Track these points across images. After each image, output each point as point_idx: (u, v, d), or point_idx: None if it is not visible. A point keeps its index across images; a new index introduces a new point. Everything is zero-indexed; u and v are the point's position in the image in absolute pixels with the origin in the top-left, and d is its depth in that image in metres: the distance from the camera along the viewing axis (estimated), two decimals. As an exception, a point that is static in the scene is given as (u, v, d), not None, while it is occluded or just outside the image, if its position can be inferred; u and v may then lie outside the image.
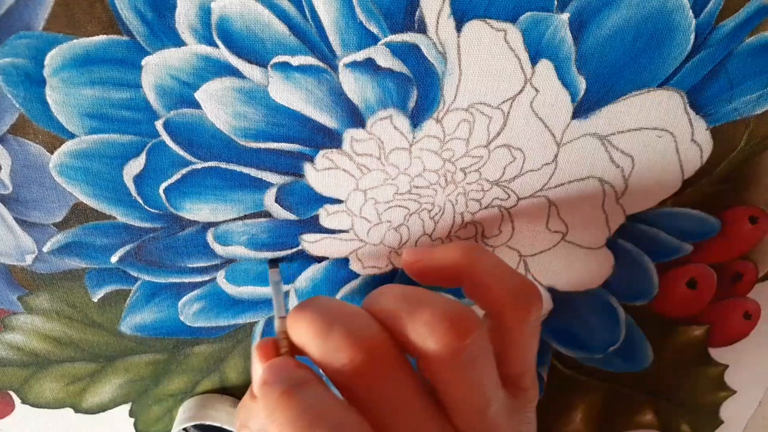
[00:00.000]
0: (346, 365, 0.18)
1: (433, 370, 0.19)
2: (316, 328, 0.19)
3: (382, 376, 0.19)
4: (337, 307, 0.20)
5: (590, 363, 0.32)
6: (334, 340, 0.19)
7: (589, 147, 0.25)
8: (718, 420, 0.33)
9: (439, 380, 0.19)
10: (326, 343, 0.19)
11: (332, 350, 0.19)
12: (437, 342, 0.18)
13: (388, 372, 0.19)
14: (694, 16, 0.22)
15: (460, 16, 0.22)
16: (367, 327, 0.19)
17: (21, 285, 0.26)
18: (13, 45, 0.21)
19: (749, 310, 0.30)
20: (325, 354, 0.19)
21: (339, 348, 0.18)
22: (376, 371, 0.18)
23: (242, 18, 0.21)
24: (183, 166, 0.24)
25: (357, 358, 0.18)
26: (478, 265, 0.21)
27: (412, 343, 0.19)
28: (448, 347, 0.18)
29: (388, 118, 0.24)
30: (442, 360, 0.18)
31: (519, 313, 0.21)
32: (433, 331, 0.18)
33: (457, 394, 0.19)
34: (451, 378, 0.19)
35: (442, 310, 0.19)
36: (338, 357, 0.18)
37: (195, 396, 0.31)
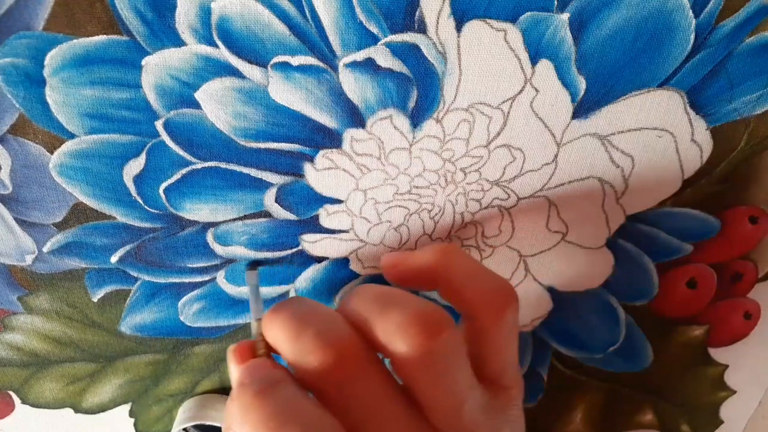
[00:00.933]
0: (317, 367, 0.18)
1: (405, 371, 0.19)
2: (289, 330, 0.19)
3: (353, 377, 0.19)
4: (310, 309, 0.20)
5: (590, 363, 0.32)
6: (305, 341, 0.19)
7: (589, 147, 0.25)
8: (718, 420, 0.33)
9: (411, 380, 0.19)
10: (297, 345, 0.19)
11: (303, 352, 0.19)
12: (407, 342, 0.18)
13: (360, 373, 0.19)
14: (694, 16, 0.22)
15: (460, 16, 0.22)
16: (337, 329, 0.19)
17: (21, 285, 0.26)
18: (13, 45, 0.21)
19: (749, 310, 0.30)
20: (297, 356, 0.19)
21: (310, 350, 0.19)
22: (346, 372, 0.19)
23: (242, 18, 0.21)
24: (183, 166, 0.24)
25: (327, 360, 0.18)
26: (451, 266, 0.21)
27: (383, 343, 0.19)
28: (418, 347, 0.18)
29: (388, 118, 0.24)
30: (413, 360, 0.19)
31: (494, 313, 0.21)
32: (403, 331, 0.18)
33: (430, 393, 0.19)
34: (422, 378, 0.19)
35: (412, 310, 0.19)
36: (309, 359, 0.19)
37: (195, 396, 0.31)
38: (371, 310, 0.20)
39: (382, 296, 0.20)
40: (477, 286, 0.21)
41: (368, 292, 0.21)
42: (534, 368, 0.32)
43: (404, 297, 0.20)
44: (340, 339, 0.19)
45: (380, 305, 0.20)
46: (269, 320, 0.20)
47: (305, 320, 0.20)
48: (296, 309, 0.20)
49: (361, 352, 0.19)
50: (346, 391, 0.19)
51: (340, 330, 0.19)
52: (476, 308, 0.21)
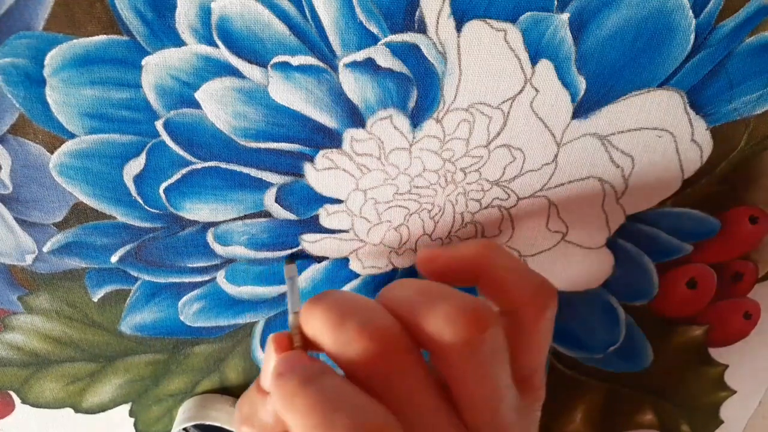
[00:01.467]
0: (360, 356, 0.18)
1: (449, 363, 0.19)
2: (330, 320, 0.19)
3: (395, 367, 0.18)
4: (351, 300, 0.20)
5: (590, 363, 0.32)
6: (348, 331, 0.18)
7: (589, 147, 0.25)
8: (718, 420, 0.33)
9: (454, 374, 0.19)
10: (340, 335, 0.19)
11: (346, 341, 0.18)
12: (456, 334, 0.18)
13: (402, 363, 0.19)
14: (694, 16, 0.22)
15: (460, 16, 0.22)
16: (381, 318, 0.19)
17: (21, 285, 0.26)
18: (13, 45, 0.21)
19: (749, 310, 0.30)
20: (339, 345, 0.19)
21: (352, 339, 0.18)
22: (389, 362, 0.18)
23: (242, 18, 0.21)
24: (183, 166, 0.24)
25: (370, 349, 0.18)
26: (495, 262, 0.21)
27: (429, 335, 0.19)
28: (466, 340, 0.18)
29: (388, 118, 0.24)
30: (460, 352, 0.18)
31: (536, 311, 0.20)
32: (452, 323, 0.18)
33: (470, 388, 0.19)
34: (466, 371, 0.19)
35: (461, 303, 0.19)
36: (352, 348, 0.18)
37: (195, 396, 0.31)
38: (417, 301, 0.19)
39: (427, 289, 0.20)
40: (521, 282, 0.21)
41: (412, 285, 0.20)
42: (534, 368, 0.32)
43: (450, 291, 0.20)
44: (384, 328, 0.19)
45: (426, 297, 0.19)
46: (309, 311, 0.20)
47: (347, 310, 0.19)
48: (337, 299, 0.20)
49: (405, 343, 0.19)
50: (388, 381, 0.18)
51: (384, 320, 0.19)
52: (519, 304, 0.20)
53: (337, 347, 0.19)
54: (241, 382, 0.31)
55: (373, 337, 0.18)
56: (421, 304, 0.19)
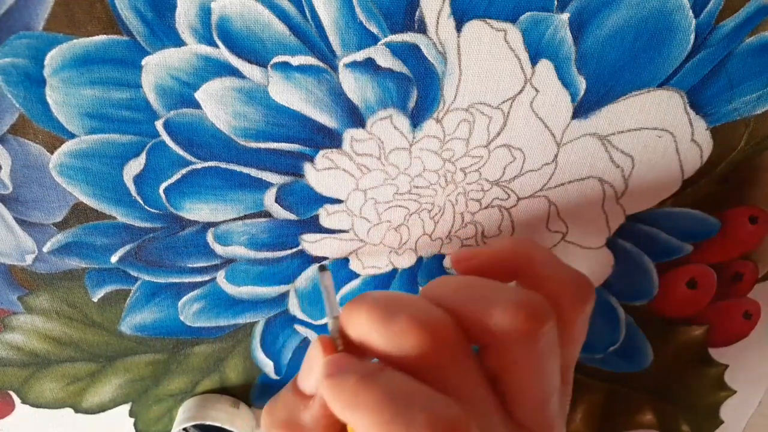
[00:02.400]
0: (414, 348, 0.18)
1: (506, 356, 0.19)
2: (378, 315, 0.18)
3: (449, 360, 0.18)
4: (397, 296, 0.20)
5: (590, 363, 0.32)
6: (399, 323, 0.18)
7: (589, 147, 0.25)
8: (718, 420, 0.33)
9: (509, 367, 0.19)
10: (390, 328, 0.18)
11: (397, 335, 0.18)
12: (516, 327, 0.18)
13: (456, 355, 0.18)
14: (694, 16, 0.22)
15: (460, 16, 0.22)
16: (431, 312, 0.19)
17: (21, 285, 0.26)
18: (13, 45, 0.21)
19: (749, 310, 0.30)
20: (390, 339, 0.18)
21: (404, 331, 0.18)
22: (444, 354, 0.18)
23: (242, 18, 0.21)
24: (183, 166, 0.24)
25: (424, 341, 0.18)
26: (534, 256, 0.21)
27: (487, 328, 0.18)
28: (526, 333, 0.18)
29: (388, 118, 0.24)
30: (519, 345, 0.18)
31: (576, 306, 0.20)
32: (513, 316, 0.18)
33: (524, 382, 0.19)
34: (524, 364, 0.19)
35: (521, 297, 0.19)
36: (404, 341, 0.18)
37: (195, 396, 0.31)
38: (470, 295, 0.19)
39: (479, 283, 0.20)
40: (561, 278, 0.21)
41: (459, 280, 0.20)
42: (534, 368, 0.32)
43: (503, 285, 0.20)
44: (437, 321, 0.18)
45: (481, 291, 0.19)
46: (353, 310, 0.19)
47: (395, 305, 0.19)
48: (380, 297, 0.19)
49: (458, 336, 0.18)
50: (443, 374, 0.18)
51: (435, 312, 0.19)
52: (561, 299, 0.20)
53: (387, 342, 0.18)
54: (241, 382, 0.31)
55: (426, 330, 0.18)
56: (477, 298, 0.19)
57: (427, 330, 0.18)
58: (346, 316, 0.19)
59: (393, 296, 0.20)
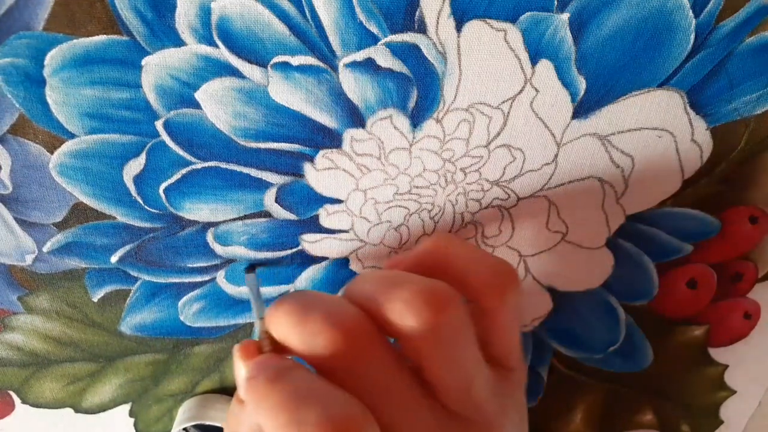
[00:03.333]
0: (327, 347, 0.18)
1: (414, 348, 0.19)
2: (294, 316, 0.19)
3: (364, 356, 0.18)
4: (314, 296, 0.20)
5: (590, 363, 0.32)
6: (312, 323, 0.18)
7: (589, 147, 0.25)
8: (718, 420, 0.33)
9: (421, 358, 0.19)
10: (305, 329, 0.19)
11: (311, 335, 0.18)
12: (415, 318, 0.18)
13: (370, 351, 0.19)
14: (694, 16, 0.22)
15: (460, 16, 0.22)
16: (344, 310, 0.19)
17: (21, 285, 0.26)
18: (13, 45, 0.21)
19: (749, 310, 0.30)
20: (305, 340, 0.19)
21: (317, 331, 0.18)
22: (357, 351, 0.18)
23: (242, 18, 0.21)
24: (183, 166, 0.24)
25: (337, 339, 0.18)
26: (451, 251, 0.21)
27: (391, 322, 0.19)
28: (426, 323, 0.18)
29: (388, 118, 0.24)
30: (422, 336, 0.18)
31: (497, 294, 0.20)
32: (410, 307, 0.18)
33: (439, 371, 0.19)
34: (432, 354, 0.19)
35: (418, 286, 0.19)
36: (318, 341, 0.18)
37: (195, 396, 0.31)
38: (377, 290, 0.19)
39: (386, 277, 0.20)
40: (479, 269, 0.21)
41: (372, 275, 0.21)
42: (534, 368, 0.32)
43: (408, 276, 0.20)
44: (348, 318, 0.19)
45: (386, 285, 0.19)
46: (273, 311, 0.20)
47: (310, 305, 0.19)
48: (299, 297, 0.20)
49: (370, 332, 0.19)
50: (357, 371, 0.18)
51: (348, 310, 0.19)
52: (479, 290, 0.20)
53: (303, 342, 0.19)
54: (241, 382, 0.31)
55: (336, 327, 0.18)
56: (381, 292, 0.19)
57: (338, 329, 0.18)
58: (269, 318, 0.20)
59: (311, 296, 0.20)
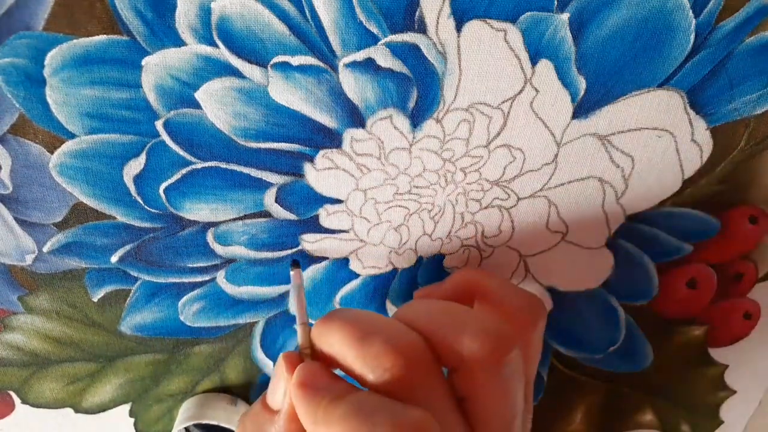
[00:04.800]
0: (387, 371, 0.18)
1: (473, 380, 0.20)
2: (354, 335, 0.19)
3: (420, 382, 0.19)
4: (372, 316, 0.21)
5: (590, 363, 0.32)
6: (374, 346, 0.19)
7: (589, 147, 0.25)
8: (718, 420, 0.33)
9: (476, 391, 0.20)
10: (365, 350, 0.19)
11: (371, 357, 0.19)
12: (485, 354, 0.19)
13: (427, 378, 0.19)
14: (694, 16, 0.22)
15: (460, 16, 0.22)
16: (406, 335, 0.20)
17: (21, 285, 0.26)
18: (13, 45, 0.21)
19: (749, 310, 0.30)
20: (364, 361, 0.19)
21: (379, 354, 0.19)
22: (415, 376, 0.19)
23: (242, 18, 0.21)
24: (183, 166, 0.24)
25: (398, 364, 0.18)
26: (487, 281, 0.23)
27: (456, 352, 0.19)
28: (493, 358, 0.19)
29: (388, 118, 0.24)
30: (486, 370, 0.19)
31: (530, 326, 0.22)
32: (482, 343, 0.19)
33: (490, 405, 0.20)
34: (489, 389, 0.20)
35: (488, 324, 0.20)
36: (378, 363, 0.19)
37: (195, 396, 0.31)
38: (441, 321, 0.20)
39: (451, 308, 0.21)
40: (514, 299, 0.22)
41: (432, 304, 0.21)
42: (534, 368, 0.32)
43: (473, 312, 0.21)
44: (411, 344, 0.19)
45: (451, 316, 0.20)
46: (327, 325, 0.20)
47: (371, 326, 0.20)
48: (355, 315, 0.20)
49: (430, 359, 0.19)
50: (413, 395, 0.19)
51: (410, 335, 0.20)
52: (514, 319, 0.21)
53: (361, 363, 0.19)
54: (241, 382, 0.31)
55: (400, 353, 0.19)
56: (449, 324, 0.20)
57: (401, 354, 0.19)
58: (319, 332, 0.20)
59: (368, 317, 0.20)
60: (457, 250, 0.28)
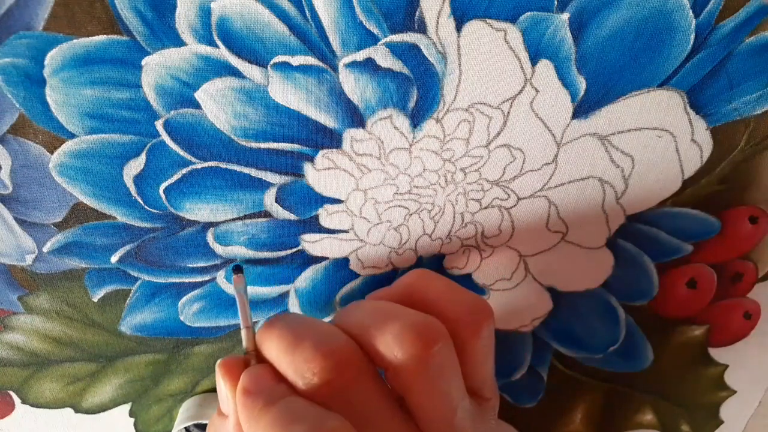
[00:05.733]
0: (316, 375, 0.19)
1: (402, 380, 0.20)
2: (286, 342, 0.20)
3: (352, 385, 0.19)
4: (305, 322, 0.21)
5: (590, 363, 0.32)
6: (304, 351, 0.19)
7: (589, 147, 0.25)
8: (718, 420, 0.33)
9: (407, 389, 0.20)
10: (296, 355, 0.19)
11: (302, 362, 0.19)
12: (405, 351, 0.19)
13: (358, 381, 0.19)
14: (694, 16, 0.22)
15: (460, 16, 0.22)
16: (335, 338, 0.20)
17: (21, 285, 0.26)
18: (13, 45, 0.21)
19: (749, 310, 0.30)
20: (295, 366, 0.19)
21: (308, 359, 0.19)
22: (345, 380, 0.19)
23: (242, 18, 0.21)
24: (183, 166, 0.24)
25: (326, 367, 0.19)
26: (429, 286, 0.22)
27: (381, 354, 0.20)
28: (415, 356, 0.19)
29: (388, 118, 0.24)
30: (410, 369, 0.19)
31: (471, 329, 0.21)
32: (401, 341, 0.19)
33: (424, 402, 0.20)
34: (418, 387, 0.20)
35: (408, 320, 0.20)
36: (308, 368, 0.19)
37: (195, 396, 0.31)
38: (368, 323, 0.20)
39: (378, 309, 0.21)
40: (455, 304, 0.22)
41: (364, 306, 0.22)
42: (534, 368, 0.32)
43: (401, 310, 0.21)
44: (338, 347, 0.20)
45: (377, 317, 0.20)
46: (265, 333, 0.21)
47: (302, 331, 0.20)
48: (291, 321, 0.21)
49: (359, 361, 0.20)
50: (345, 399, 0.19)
51: (338, 339, 0.20)
52: (456, 324, 0.21)
53: (293, 368, 0.19)
54: (241, 382, 0.31)
55: (327, 357, 0.19)
56: (372, 324, 0.20)
57: (330, 358, 0.19)
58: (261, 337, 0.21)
59: (303, 323, 0.21)
60: (457, 250, 0.28)
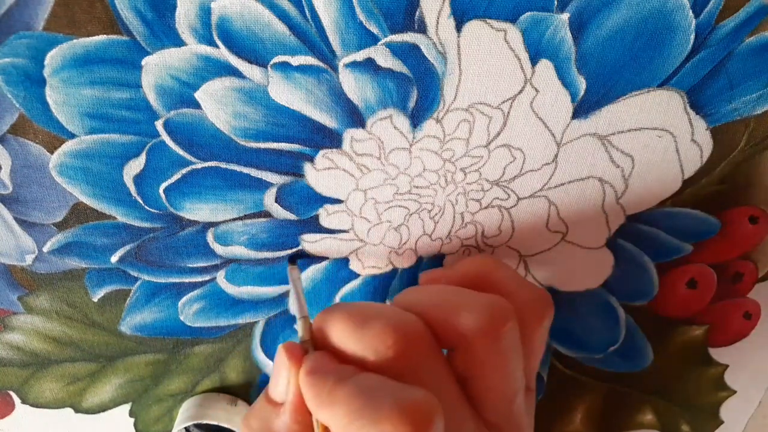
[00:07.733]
0: (390, 348, 0.19)
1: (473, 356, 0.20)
2: (353, 321, 0.20)
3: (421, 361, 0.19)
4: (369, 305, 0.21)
5: (590, 363, 0.32)
6: (374, 326, 0.19)
7: (589, 147, 0.25)
8: (718, 420, 0.33)
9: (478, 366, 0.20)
10: (365, 333, 0.19)
11: (372, 338, 0.19)
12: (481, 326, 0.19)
13: (427, 357, 0.19)
14: (694, 16, 0.22)
15: (460, 16, 0.22)
16: (404, 316, 0.20)
17: (21, 285, 0.26)
18: (13, 45, 0.21)
19: (749, 310, 0.30)
20: (365, 344, 0.19)
21: (378, 334, 0.19)
22: (416, 355, 0.19)
23: (242, 18, 0.21)
24: (183, 166, 0.24)
25: (398, 343, 0.19)
26: (499, 273, 0.23)
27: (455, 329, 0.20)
28: (490, 333, 0.19)
29: (388, 118, 0.24)
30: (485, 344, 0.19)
31: (536, 317, 0.22)
32: (476, 317, 0.19)
33: (490, 381, 0.20)
34: (490, 362, 0.20)
35: (483, 299, 0.20)
36: (378, 343, 0.19)
37: (195, 396, 0.31)
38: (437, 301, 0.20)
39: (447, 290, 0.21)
40: (523, 291, 0.22)
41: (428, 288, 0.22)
42: (534, 368, 0.32)
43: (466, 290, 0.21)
44: (409, 325, 0.19)
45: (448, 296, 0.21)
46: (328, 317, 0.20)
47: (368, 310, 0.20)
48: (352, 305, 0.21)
49: (429, 340, 0.20)
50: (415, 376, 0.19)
51: (407, 317, 0.20)
52: (522, 310, 0.21)
53: (362, 346, 0.19)
54: (241, 382, 0.31)
55: (399, 332, 0.19)
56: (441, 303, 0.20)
57: (399, 332, 0.19)
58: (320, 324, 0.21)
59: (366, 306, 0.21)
60: (457, 250, 0.28)
